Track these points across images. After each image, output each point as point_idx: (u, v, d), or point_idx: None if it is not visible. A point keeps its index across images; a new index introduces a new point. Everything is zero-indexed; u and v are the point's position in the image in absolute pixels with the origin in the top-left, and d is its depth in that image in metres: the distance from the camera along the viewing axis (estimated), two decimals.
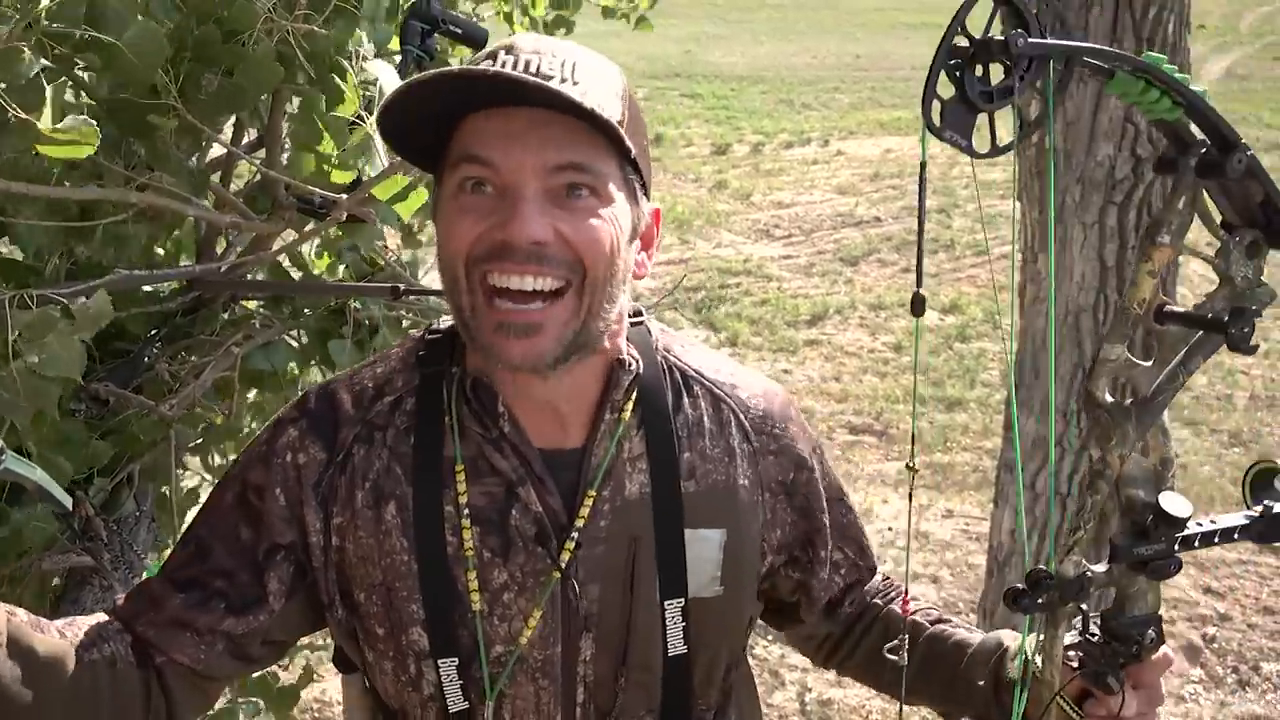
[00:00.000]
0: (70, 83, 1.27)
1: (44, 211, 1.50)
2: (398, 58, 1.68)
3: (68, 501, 0.80)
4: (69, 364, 1.20)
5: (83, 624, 0.99)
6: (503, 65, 0.90)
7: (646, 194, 1.01)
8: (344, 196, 1.41)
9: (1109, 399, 0.87)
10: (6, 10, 1.14)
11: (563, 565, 0.98)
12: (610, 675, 1.02)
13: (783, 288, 8.21)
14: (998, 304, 7.53)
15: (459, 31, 1.75)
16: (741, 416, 1.09)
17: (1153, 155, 2.60)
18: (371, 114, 1.38)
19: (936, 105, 0.76)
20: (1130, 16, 2.52)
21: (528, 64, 0.90)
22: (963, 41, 0.76)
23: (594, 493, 1.00)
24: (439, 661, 0.99)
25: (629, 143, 0.92)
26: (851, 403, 6.55)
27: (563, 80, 0.90)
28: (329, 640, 1.19)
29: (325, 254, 1.99)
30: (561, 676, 1.01)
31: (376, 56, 1.58)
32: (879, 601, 1.21)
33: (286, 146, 1.71)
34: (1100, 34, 2.54)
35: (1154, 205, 2.63)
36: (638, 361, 1.03)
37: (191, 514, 2.10)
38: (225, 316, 1.89)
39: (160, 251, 1.91)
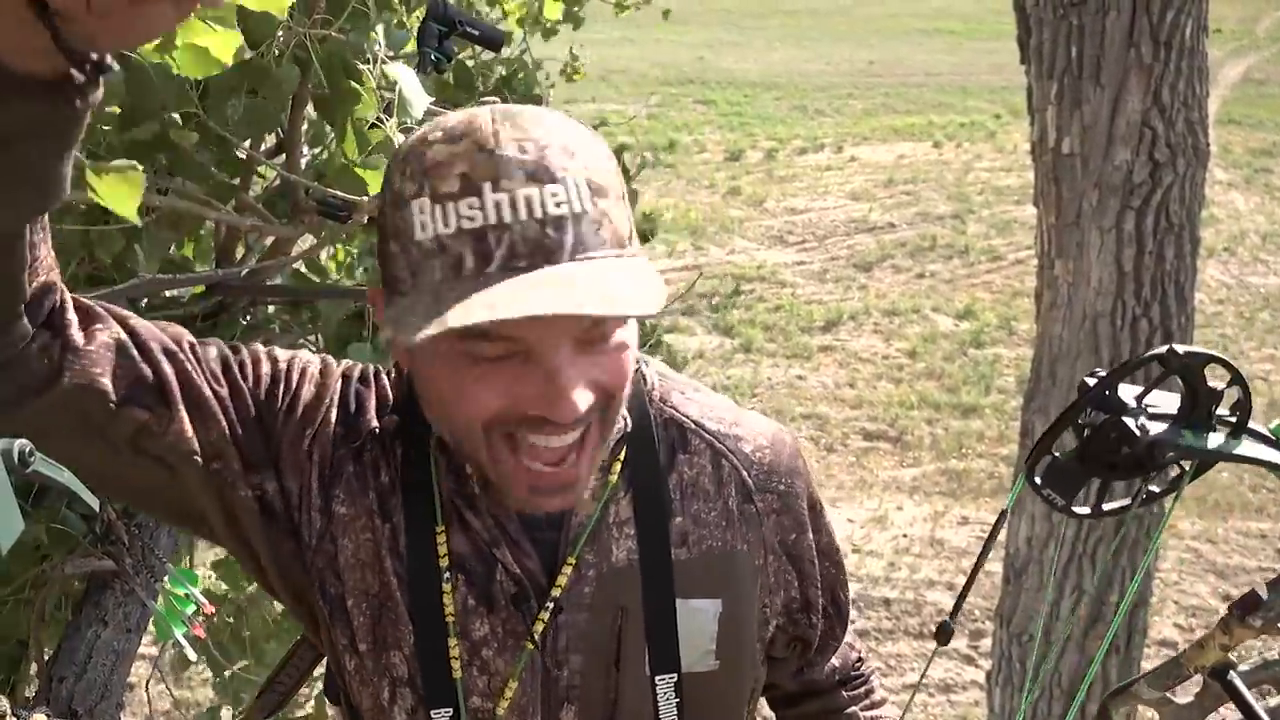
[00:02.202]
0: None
1: (62, 215, 1.51)
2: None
3: (94, 503, 0.80)
4: None
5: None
6: (503, 233, 0.76)
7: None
8: (365, 199, 1.42)
9: None
10: None
11: (536, 635, 0.93)
12: None
13: (796, 293, 8.21)
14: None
15: (476, 34, 1.76)
16: (744, 473, 1.01)
17: (1169, 158, 2.59)
18: (392, 116, 1.38)
19: (1046, 460, 0.76)
20: (1148, 20, 2.51)
21: (539, 221, 0.76)
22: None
23: (574, 559, 0.94)
24: (431, 712, 0.93)
25: (632, 246, 0.83)
26: (866, 409, 6.54)
27: (575, 215, 0.77)
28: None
29: (343, 255, 1.99)
30: None
31: (393, 60, 1.59)
32: (845, 694, 1.17)
33: (306, 151, 1.72)
34: (1118, 37, 2.53)
35: (1171, 210, 2.62)
36: (626, 420, 0.95)
37: None
38: (245, 321, 1.89)
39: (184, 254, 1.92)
